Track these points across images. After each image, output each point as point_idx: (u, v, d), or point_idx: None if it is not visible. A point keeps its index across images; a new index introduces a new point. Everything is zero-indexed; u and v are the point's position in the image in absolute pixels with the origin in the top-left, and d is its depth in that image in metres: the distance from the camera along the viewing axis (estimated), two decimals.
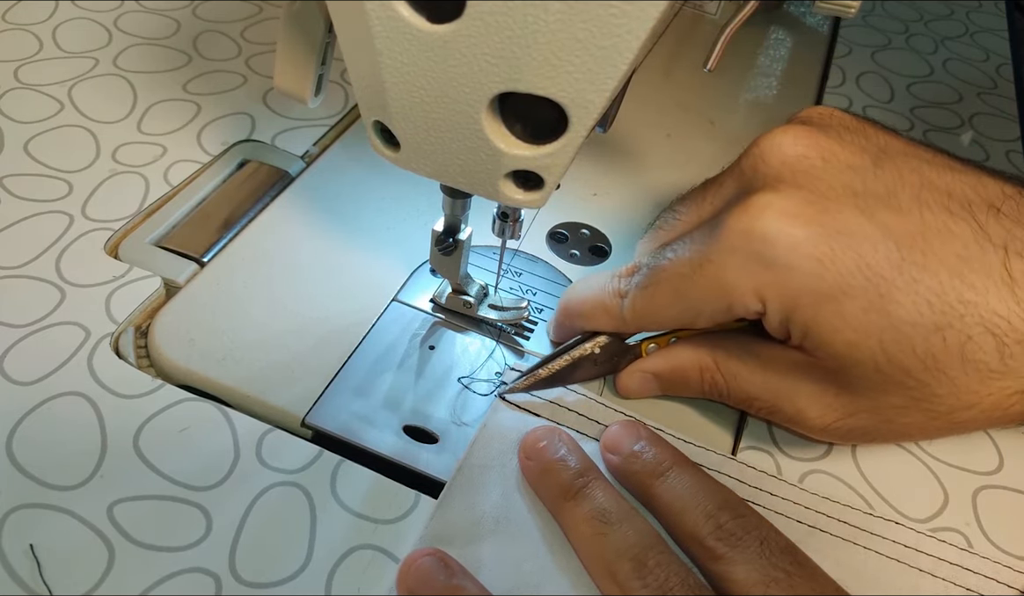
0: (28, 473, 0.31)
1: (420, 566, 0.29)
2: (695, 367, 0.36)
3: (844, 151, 0.32)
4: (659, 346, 0.37)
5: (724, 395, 0.36)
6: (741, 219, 0.31)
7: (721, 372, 0.35)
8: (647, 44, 0.26)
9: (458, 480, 0.33)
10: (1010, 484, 0.36)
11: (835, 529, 0.33)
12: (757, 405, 0.35)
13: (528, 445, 0.33)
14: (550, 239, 0.45)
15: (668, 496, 0.31)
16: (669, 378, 0.36)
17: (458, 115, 0.28)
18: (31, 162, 0.45)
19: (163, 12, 0.57)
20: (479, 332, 0.40)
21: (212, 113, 0.49)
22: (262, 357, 0.37)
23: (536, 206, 0.31)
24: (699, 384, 0.36)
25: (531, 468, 0.33)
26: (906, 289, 0.29)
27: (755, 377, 0.34)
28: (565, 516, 0.31)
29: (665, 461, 0.32)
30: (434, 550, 0.29)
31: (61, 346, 0.36)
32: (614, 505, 0.30)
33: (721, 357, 0.35)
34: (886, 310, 0.29)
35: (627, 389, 0.37)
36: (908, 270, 0.29)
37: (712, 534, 0.29)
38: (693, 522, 0.29)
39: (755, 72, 0.62)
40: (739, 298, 0.31)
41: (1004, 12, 0.73)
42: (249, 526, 0.31)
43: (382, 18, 0.26)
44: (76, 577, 0.29)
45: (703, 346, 0.36)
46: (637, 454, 0.32)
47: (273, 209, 0.44)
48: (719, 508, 0.30)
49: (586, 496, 0.31)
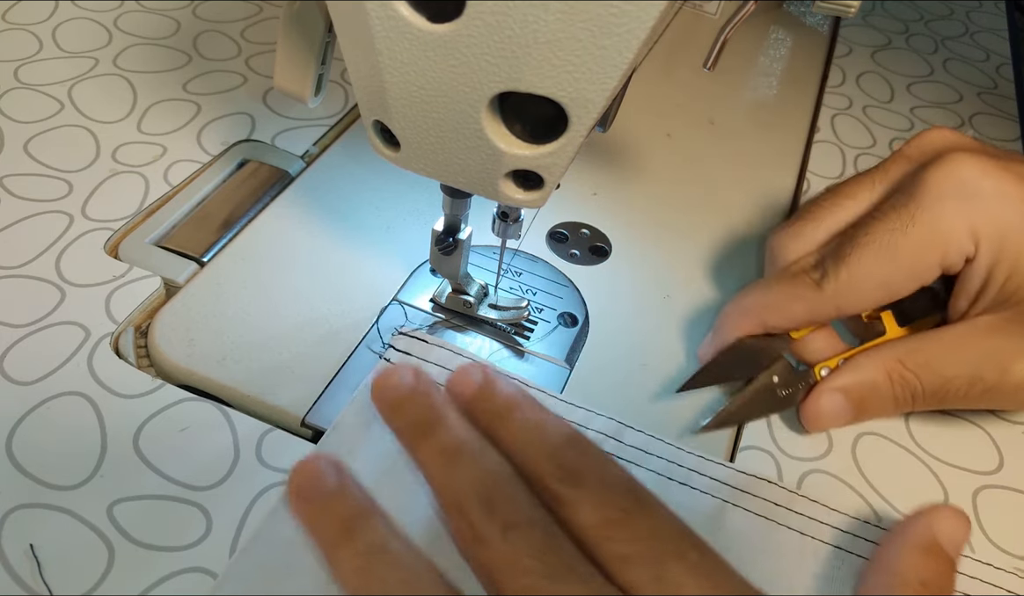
0: (28, 473, 0.31)
1: (312, 466, 0.28)
2: (882, 373, 0.35)
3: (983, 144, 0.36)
4: (831, 369, 0.36)
5: (917, 391, 0.35)
6: (942, 169, 0.34)
7: (909, 368, 0.35)
8: (647, 44, 0.26)
9: (333, 437, 0.33)
10: (1010, 484, 0.36)
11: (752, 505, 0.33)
12: (955, 385, 0.34)
13: (383, 377, 0.30)
14: (550, 239, 0.45)
15: (511, 437, 0.29)
16: (858, 391, 0.36)
17: (458, 115, 0.28)
18: (31, 162, 0.45)
19: (163, 12, 0.57)
20: (479, 332, 0.40)
21: (212, 113, 0.49)
22: (262, 357, 0.37)
23: (536, 206, 0.31)
24: (889, 389, 0.35)
25: (385, 398, 0.30)
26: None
27: (948, 357, 0.35)
28: (418, 453, 0.29)
29: (508, 401, 0.30)
30: (328, 455, 0.29)
31: (61, 346, 0.36)
32: (466, 437, 0.29)
33: (904, 353, 0.35)
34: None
35: (817, 414, 0.36)
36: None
37: (553, 475, 0.28)
38: (535, 462, 0.28)
39: (755, 72, 0.62)
40: (955, 242, 0.33)
41: (1004, 12, 0.73)
42: (249, 526, 0.31)
43: (382, 18, 0.26)
44: (76, 577, 0.29)
45: (883, 350, 0.36)
46: (479, 397, 0.31)
47: (273, 209, 0.44)
48: (561, 447, 0.29)
49: (440, 428, 0.29)
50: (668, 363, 0.40)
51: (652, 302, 0.43)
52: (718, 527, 0.33)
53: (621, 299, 0.42)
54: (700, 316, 0.42)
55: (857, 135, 0.56)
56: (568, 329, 0.40)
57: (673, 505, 0.33)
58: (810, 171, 0.52)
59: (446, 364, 0.36)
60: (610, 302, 0.42)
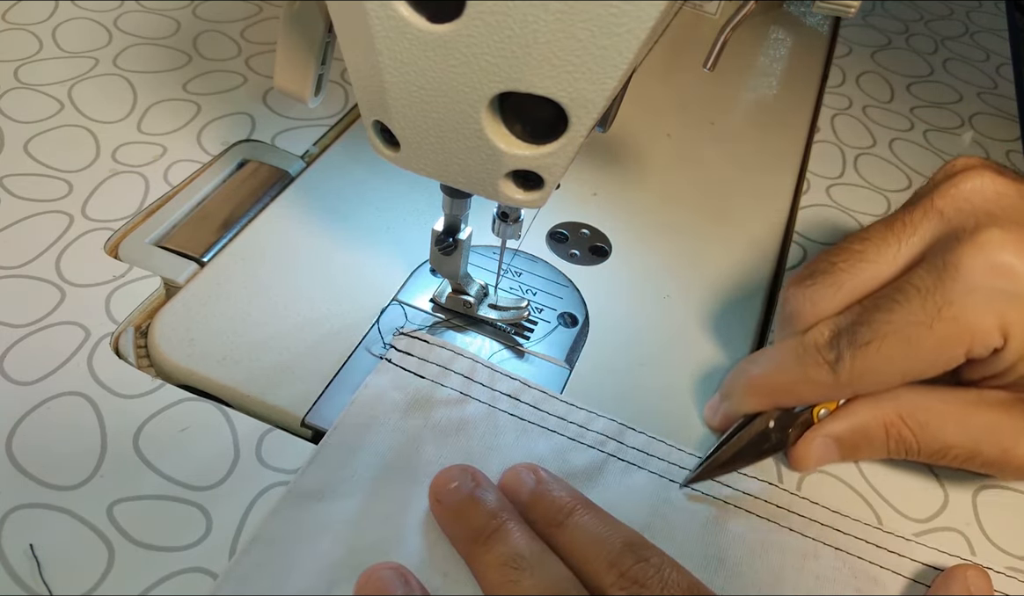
0: (28, 473, 0.31)
1: (380, 576, 0.29)
2: (879, 425, 0.34)
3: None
4: (830, 410, 0.34)
5: (913, 450, 0.34)
6: (978, 256, 0.30)
7: (908, 426, 0.33)
8: (647, 44, 0.26)
9: (334, 437, 0.33)
10: (1010, 484, 0.36)
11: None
12: (953, 453, 0.33)
13: (439, 486, 0.31)
14: (550, 239, 0.45)
15: (570, 545, 0.30)
16: (851, 440, 0.34)
17: (458, 115, 0.28)
18: (31, 162, 0.44)
19: (163, 12, 0.57)
20: (479, 332, 0.40)
21: (212, 113, 0.49)
22: (262, 357, 0.37)
23: (536, 206, 0.31)
24: (884, 442, 0.34)
25: (442, 512, 0.31)
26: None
27: (949, 424, 0.33)
28: (476, 562, 0.30)
29: (564, 507, 0.31)
30: (395, 565, 0.29)
31: (61, 346, 0.36)
32: (527, 548, 0.29)
33: (906, 410, 0.33)
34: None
35: (806, 458, 0.34)
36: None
37: (615, 584, 0.28)
38: (595, 572, 0.29)
39: (755, 72, 0.62)
40: (981, 337, 0.30)
41: (1004, 12, 0.73)
42: (249, 526, 0.31)
43: (382, 18, 0.26)
44: (76, 577, 0.29)
45: (884, 401, 0.34)
46: (535, 501, 0.31)
47: (273, 209, 0.44)
48: (620, 553, 0.29)
49: (498, 539, 0.29)
50: (668, 363, 0.40)
51: (652, 302, 0.43)
52: (719, 529, 0.33)
53: (621, 299, 0.42)
54: (700, 316, 0.42)
55: (857, 135, 0.56)
56: (568, 329, 0.40)
57: (674, 507, 0.33)
58: (810, 171, 0.52)
59: (447, 364, 0.36)
60: (610, 302, 0.42)
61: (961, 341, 0.31)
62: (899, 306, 0.31)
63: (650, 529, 0.32)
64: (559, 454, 0.34)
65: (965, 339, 0.31)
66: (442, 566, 0.30)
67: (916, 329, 0.31)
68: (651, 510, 0.33)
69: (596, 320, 0.41)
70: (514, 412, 0.35)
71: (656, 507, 0.33)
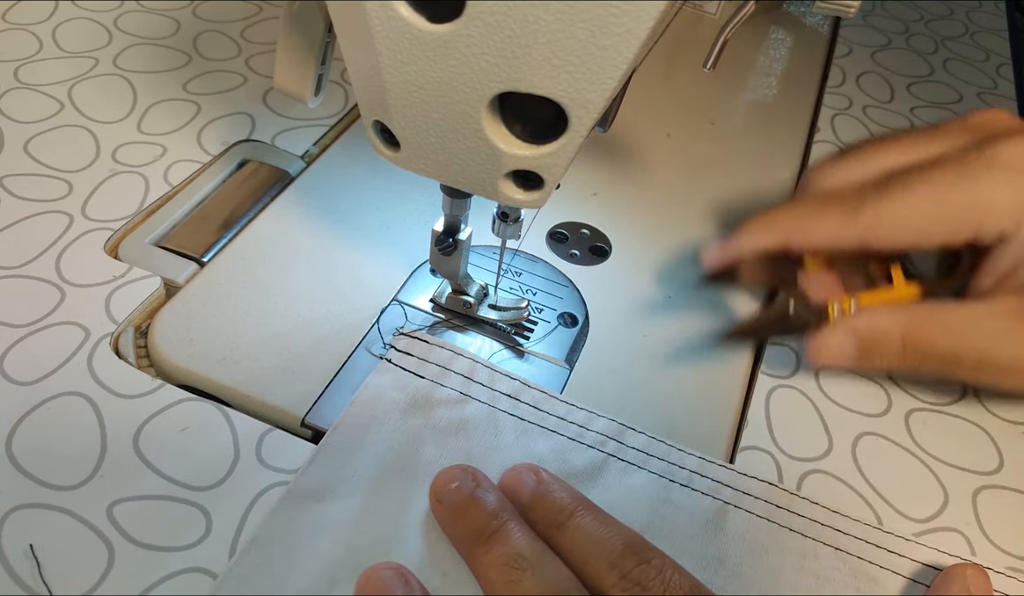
0: (28, 473, 0.31)
1: (380, 576, 0.29)
2: (899, 326, 0.35)
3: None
4: (844, 309, 0.36)
5: (928, 353, 0.35)
6: (1013, 144, 0.34)
7: (926, 331, 0.35)
8: (647, 44, 0.26)
9: (334, 437, 0.33)
10: (1010, 484, 0.36)
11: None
12: (964, 362, 0.35)
13: (439, 486, 0.31)
14: (550, 239, 0.45)
15: (571, 546, 0.30)
16: (869, 337, 0.36)
17: (458, 115, 0.28)
18: (31, 162, 0.45)
19: (163, 12, 0.57)
20: (479, 332, 0.40)
21: (212, 113, 0.49)
22: (262, 357, 0.37)
23: (536, 206, 0.31)
24: (899, 344, 0.36)
25: (443, 512, 0.31)
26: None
27: (963, 330, 0.35)
28: (476, 562, 0.30)
29: (565, 508, 0.31)
30: (395, 565, 0.29)
31: (61, 346, 0.36)
32: (527, 548, 0.29)
33: (923, 317, 0.36)
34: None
35: (827, 347, 0.36)
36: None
37: (616, 586, 0.28)
38: (596, 573, 0.29)
39: (755, 72, 0.62)
40: (995, 216, 0.34)
41: (1004, 12, 0.73)
42: (249, 526, 0.31)
43: (382, 18, 0.26)
44: (76, 577, 0.29)
45: (901, 309, 0.36)
46: (536, 502, 0.31)
47: (273, 209, 0.44)
48: (622, 555, 0.29)
49: (498, 540, 0.29)
50: (668, 363, 0.40)
51: (652, 302, 0.43)
52: (719, 529, 0.33)
53: (621, 299, 0.42)
54: (700, 316, 0.42)
55: (857, 135, 0.56)
56: (568, 329, 0.40)
57: (674, 507, 0.33)
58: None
59: (446, 364, 0.36)
60: (610, 302, 0.42)
61: (974, 212, 0.34)
62: (936, 169, 0.35)
63: (650, 529, 0.32)
64: (559, 454, 0.34)
65: (978, 211, 0.34)
66: (442, 566, 0.30)
67: (944, 187, 0.34)
68: (651, 510, 0.33)
69: (596, 320, 0.41)
70: (514, 412, 0.35)
71: (656, 507, 0.33)
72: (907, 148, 0.37)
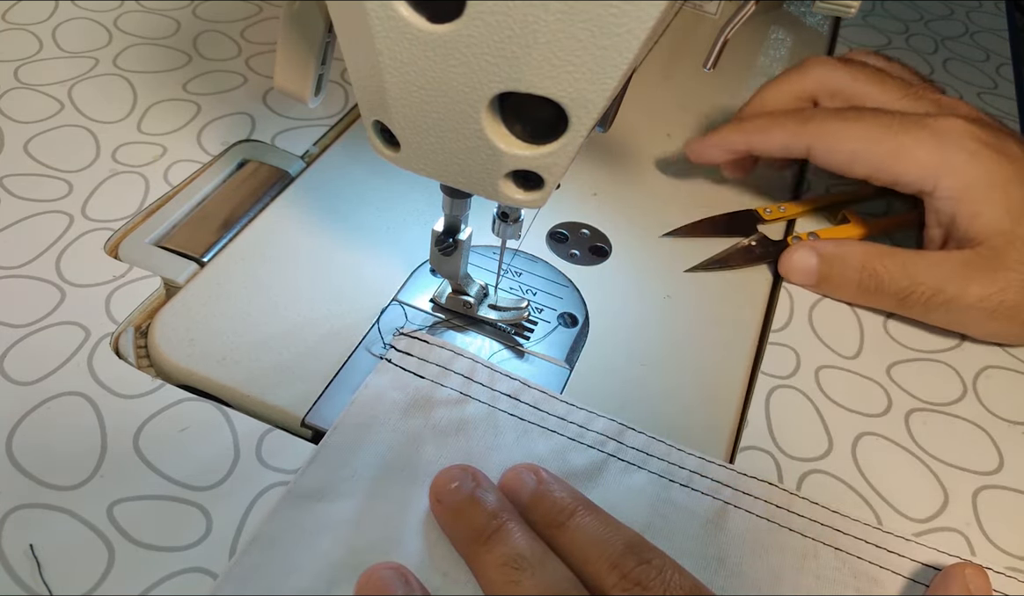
0: (28, 473, 0.31)
1: (380, 576, 0.29)
2: (859, 255, 0.42)
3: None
4: (801, 239, 0.45)
5: (883, 284, 0.41)
6: (951, 121, 0.40)
7: (883, 262, 0.41)
8: (647, 44, 0.26)
9: (334, 437, 0.33)
10: (1010, 484, 0.36)
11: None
12: (920, 290, 0.40)
13: (439, 486, 0.31)
14: (550, 239, 0.45)
15: (571, 546, 0.30)
16: (831, 259, 0.42)
17: (458, 115, 0.28)
18: (31, 162, 0.45)
19: (163, 12, 0.57)
20: (479, 332, 0.40)
21: (212, 113, 0.49)
22: (262, 357, 0.37)
23: (536, 206, 0.31)
24: (858, 271, 0.41)
25: (443, 512, 0.31)
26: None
27: (921, 265, 0.41)
28: (476, 562, 0.30)
29: (565, 508, 0.31)
30: (395, 565, 0.29)
31: (61, 346, 0.36)
32: (527, 548, 0.29)
33: (882, 250, 0.42)
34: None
35: (791, 263, 0.43)
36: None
37: (617, 586, 0.28)
38: (596, 573, 0.29)
39: (755, 72, 0.62)
40: (916, 170, 0.40)
41: (1004, 12, 0.73)
42: (249, 526, 0.31)
43: (382, 18, 0.26)
44: (76, 577, 0.29)
45: (865, 244, 0.43)
46: (536, 502, 0.31)
47: (273, 209, 0.44)
48: (622, 555, 0.29)
49: (498, 540, 0.29)
50: (668, 363, 0.40)
51: (652, 302, 0.43)
52: (719, 529, 0.33)
53: (621, 299, 0.42)
54: (700, 316, 0.42)
55: None
56: (568, 329, 0.40)
57: (674, 507, 0.33)
58: (810, 171, 0.52)
59: (447, 364, 0.36)
60: (610, 302, 0.42)
61: (902, 160, 0.40)
62: (886, 115, 0.41)
63: (650, 529, 0.32)
64: (559, 454, 0.34)
65: (906, 161, 0.40)
66: (442, 566, 0.30)
67: (882, 131, 0.41)
68: (651, 510, 0.33)
69: (596, 320, 0.41)
70: (514, 412, 0.35)
71: (656, 507, 0.33)
72: (881, 88, 0.44)
